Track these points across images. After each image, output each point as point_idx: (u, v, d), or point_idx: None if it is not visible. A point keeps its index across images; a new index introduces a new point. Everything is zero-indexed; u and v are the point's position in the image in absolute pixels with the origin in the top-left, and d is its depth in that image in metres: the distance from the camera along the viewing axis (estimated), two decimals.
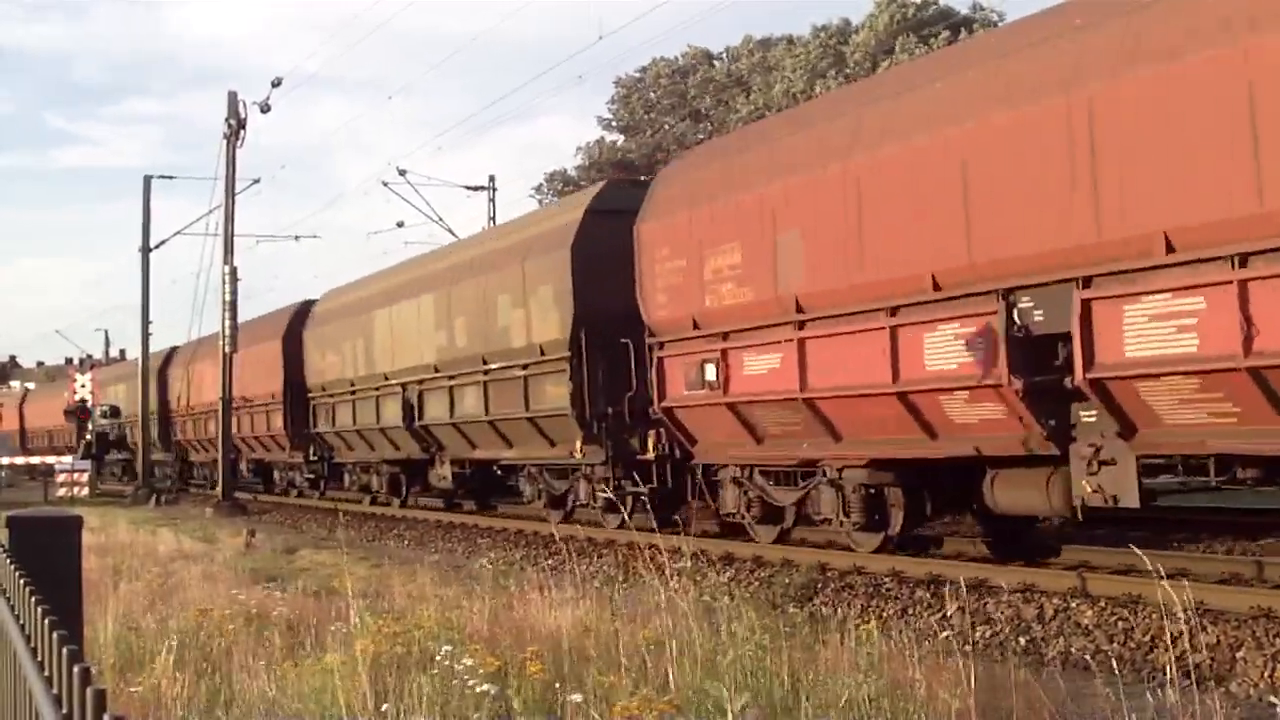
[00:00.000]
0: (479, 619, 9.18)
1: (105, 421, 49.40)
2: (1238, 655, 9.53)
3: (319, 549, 19.43)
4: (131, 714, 6.87)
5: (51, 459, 45.62)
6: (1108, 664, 8.84)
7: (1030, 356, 11.98)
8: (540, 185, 61.94)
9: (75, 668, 2.32)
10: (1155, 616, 10.54)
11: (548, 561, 18.22)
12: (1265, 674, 9.10)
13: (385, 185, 41.78)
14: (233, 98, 34.27)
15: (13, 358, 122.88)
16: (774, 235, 15.10)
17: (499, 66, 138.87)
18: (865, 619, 9.50)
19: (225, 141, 34.48)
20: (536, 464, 21.90)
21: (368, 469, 30.82)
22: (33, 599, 3.25)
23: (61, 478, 39.24)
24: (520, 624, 9.08)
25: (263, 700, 7.01)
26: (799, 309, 14.76)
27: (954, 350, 12.70)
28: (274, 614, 9.90)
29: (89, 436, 49.07)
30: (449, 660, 6.92)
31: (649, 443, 18.47)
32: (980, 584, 12.69)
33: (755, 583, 14.37)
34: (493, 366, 22.07)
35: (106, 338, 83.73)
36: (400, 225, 44.60)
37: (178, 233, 42.78)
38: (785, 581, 13.99)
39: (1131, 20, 11.21)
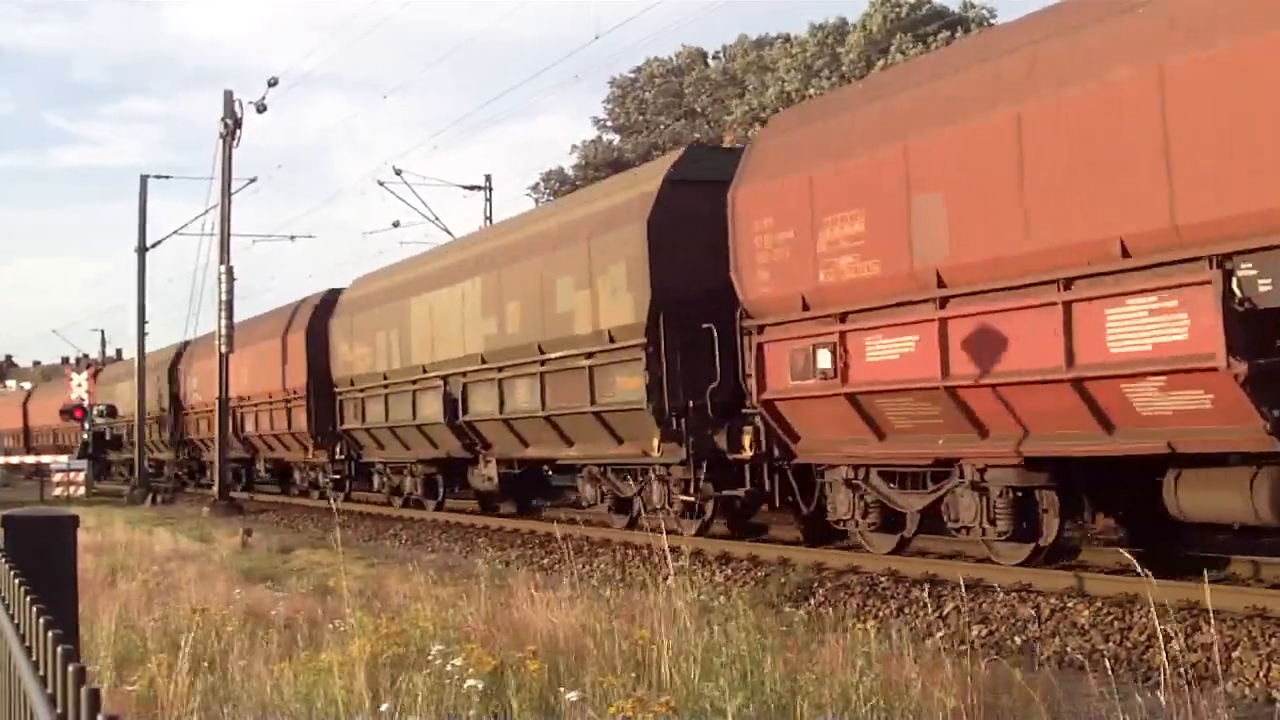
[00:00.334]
0: (475, 618, 9.18)
1: (102, 421, 49.36)
2: (1233, 655, 9.53)
3: (315, 548, 19.42)
4: (127, 714, 6.87)
5: (48, 459, 45.48)
6: (1103, 663, 8.85)
7: (1254, 334, 10.15)
8: (537, 184, 61.95)
9: (70, 667, 2.32)
10: (1152, 616, 10.55)
11: (544, 561, 18.26)
12: (1261, 673, 9.11)
13: (381, 185, 41.75)
14: (229, 97, 34.25)
15: (8, 357, 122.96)
16: (907, 199, 13.24)
17: (496, 66, 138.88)
18: (862, 619, 9.50)
19: (221, 141, 34.46)
20: (600, 464, 19.88)
21: (400, 469, 28.84)
22: (28, 598, 3.24)
23: (57, 477, 39.20)
24: (517, 623, 9.08)
25: (259, 699, 7.00)
26: (940, 284, 12.90)
27: (1148, 329, 10.88)
28: (270, 613, 9.90)
29: (85, 436, 49.04)
30: (441, 660, 6.92)
31: (745, 440, 16.31)
32: (977, 584, 12.69)
33: (751, 582, 14.37)
34: (551, 356, 20.09)
35: (103, 337, 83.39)
36: (396, 225, 44.51)
37: (174, 232, 42.79)
38: (781, 581, 13.99)
39: None
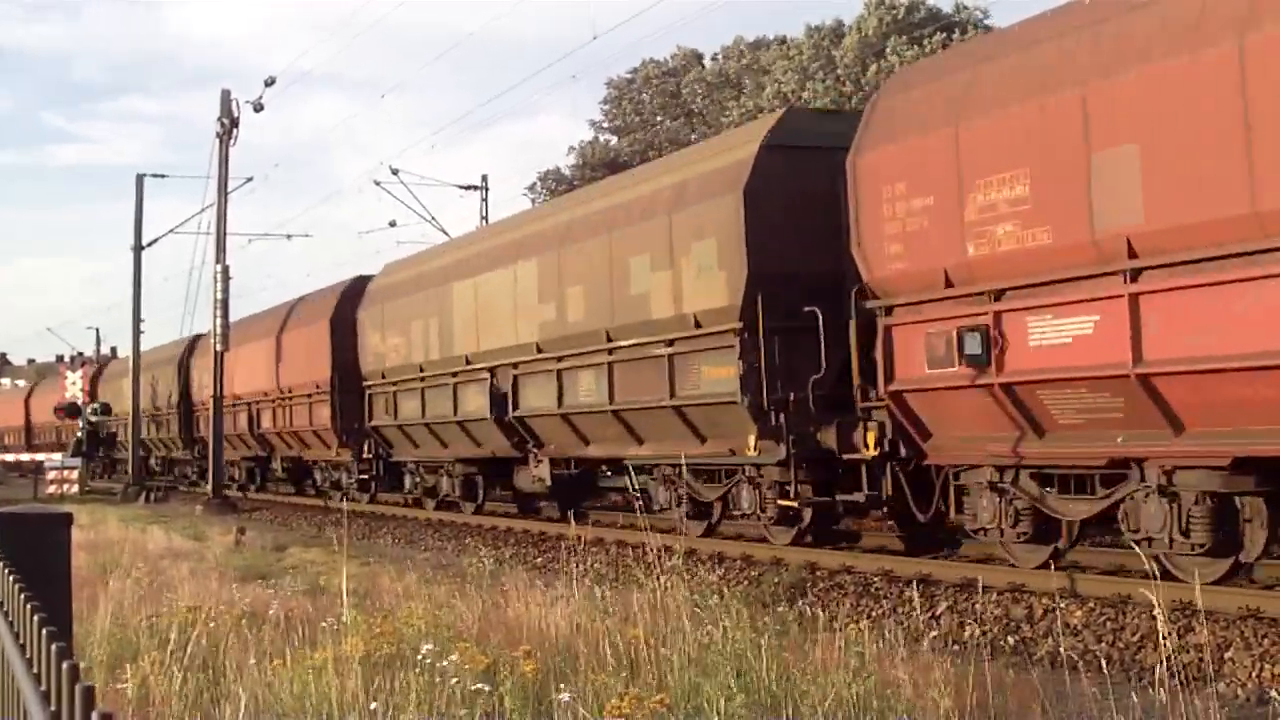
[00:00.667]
0: (469, 617, 9.18)
1: (96, 419, 49.29)
2: (1226, 655, 9.56)
3: (308, 547, 19.42)
4: (120, 711, 6.87)
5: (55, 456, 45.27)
6: (1096, 664, 8.86)
7: None
8: (534, 184, 61.93)
9: (64, 665, 2.33)
10: (1144, 617, 10.57)
11: (538, 559, 18.26)
12: (1253, 674, 9.13)
13: (378, 184, 41.69)
14: (225, 96, 34.23)
15: (3, 355, 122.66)
16: (1087, 155, 11.44)
17: (494, 65, 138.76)
18: (855, 618, 9.52)
19: (218, 140, 34.44)
20: (677, 463, 17.22)
21: (435, 469, 26.57)
22: (22, 595, 3.25)
23: (51, 475, 39.14)
24: (511, 622, 9.08)
25: (252, 697, 7.00)
26: (1131, 253, 11.09)
27: None
28: (264, 611, 9.89)
29: (80, 434, 48.96)
30: (434, 660, 6.92)
31: (867, 438, 14.39)
32: (969, 584, 12.70)
33: (745, 581, 14.38)
34: (622, 345, 18.15)
35: (98, 335, 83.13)
36: (393, 224, 44.44)
37: (170, 231, 42.75)
38: (774, 580, 14.00)
39: None
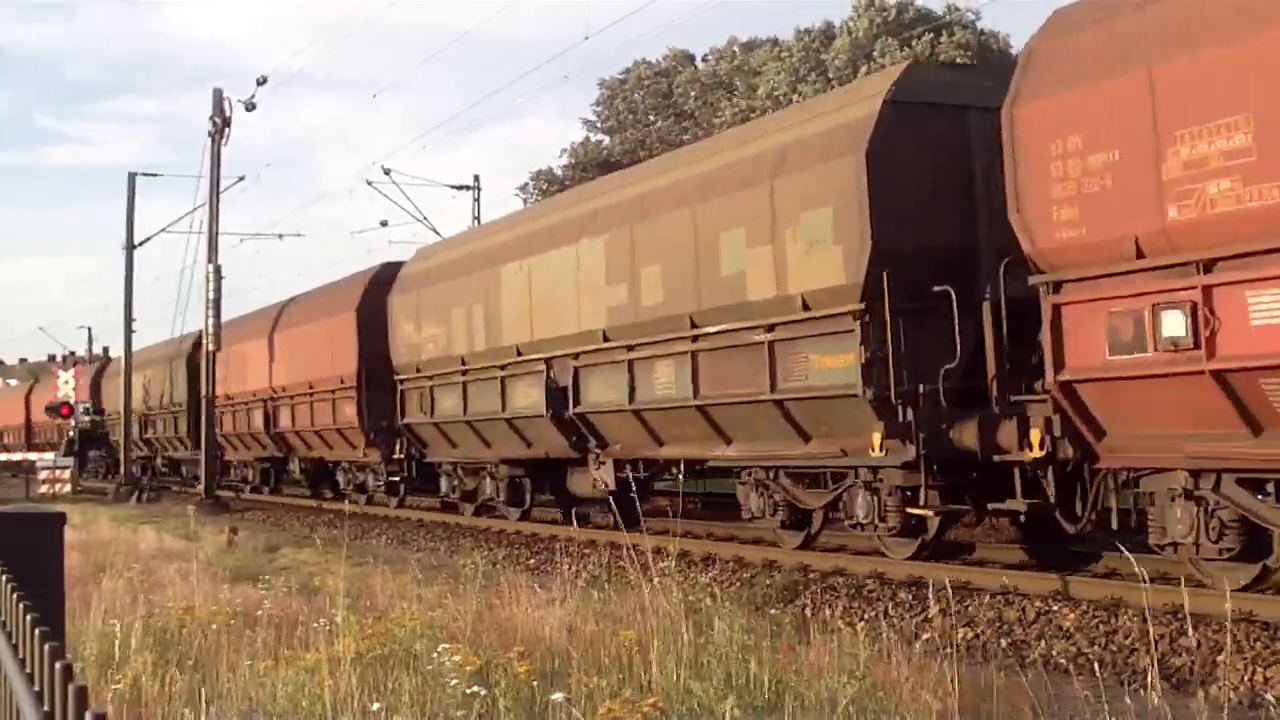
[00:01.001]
0: (463, 618, 9.17)
1: (88, 419, 49.24)
2: (1218, 659, 9.56)
3: (300, 547, 19.39)
4: (112, 711, 6.85)
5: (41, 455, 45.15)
6: (1089, 666, 8.87)
7: None
8: (525, 184, 61.89)
9: (57, 664, 2.32)
10: (1137, 620, 10.59)
11: (531, 561, 18.25)
12: (1246, 677, 9.14)
13: (370, 184, 41.68)
14: (218, 96, 34.23)
15: None
16: None
17: (487, 65, 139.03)
18: (848, 620, 9.52)
19: (210, 140, 34.44)
20: (774, 466, 15.76)
21: (477, 471, 24.30)
22: (14, 595, 3.23)
23: (44, 474, 39.08)
24: (504, 624, 9.07)
25: (244, 698, 6.99)
26: None
27: None
28: (256, 612, 9.88)
29: (71, 433, 48.89)
30: (430, 663, 6.91)
31: (1030, 436, 12.44)
32: (962, 586, 12.71)
33: (738, 584, 14.38)
34: (709, 331, 16.13)
35: (90, 335, 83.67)
36: (384, 224, 44.48)
37: (162, 230, 42.69)
38: (767, 583, 14.01)
39: None
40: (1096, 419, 11.89)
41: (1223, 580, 10.85)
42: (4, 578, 3.55)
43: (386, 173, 41.41)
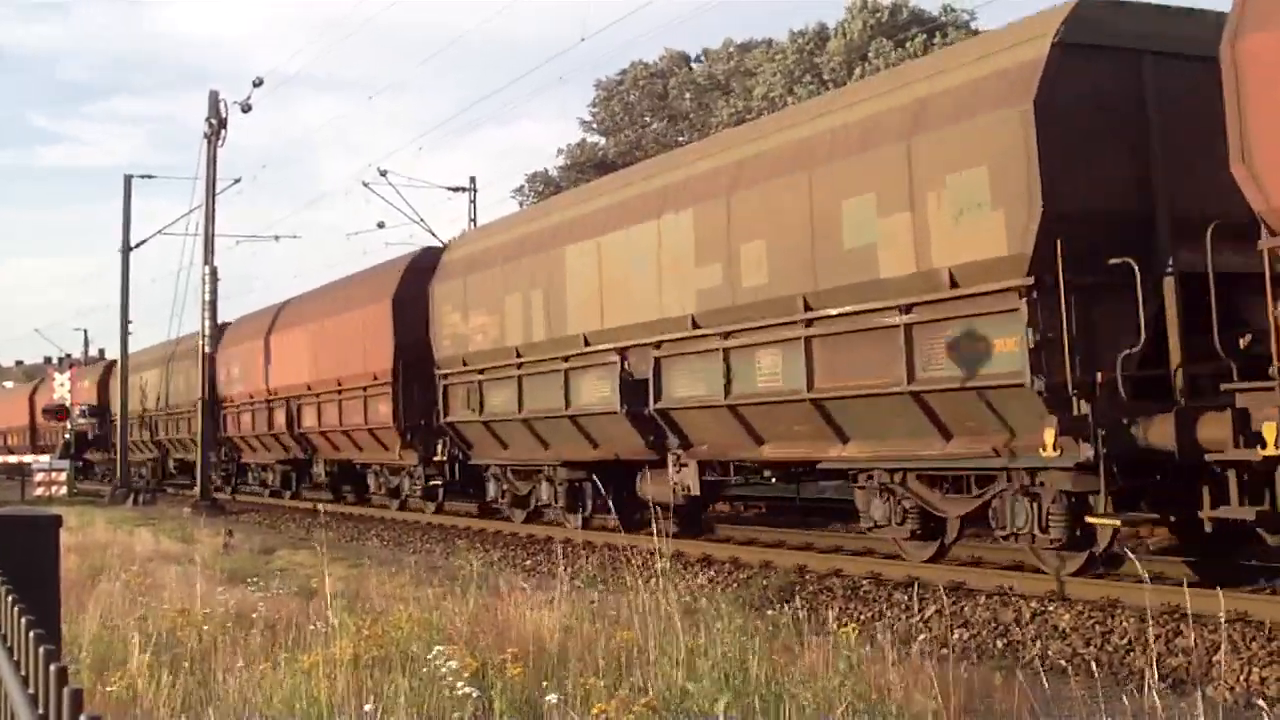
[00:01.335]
0: (459, 620, 9.17)
1: (84, 421, 49.18)
2: (1214, 659, 9.57)
3: (296, 549, 19.38)
4: (108, 714, 6.84)
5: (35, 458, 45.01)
6: (1085, 667, 8.88)
7: None
8: (521, 186, 61.95)
9: (52, 667, 2.32)
10: (1132, 620, 10.60)
11: (526, 562, 18.24)
12: (1241, 677, 9.15)
13: (366, 186, 41.64)
14: (213, 97, 34.22)
15: None
16: None
17: (481, 67, 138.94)
18: (843, 622, 9.52)
19: (206, 141, 34.43)
20: (904, 468, 13.96)
21: (532, 474, 22.04)
22: (9, 598, 3.23)
23: (39, 477, 39.05)
24: (500, 625, 9.07)
25: (240, 700, 6.99)
26: None
27: None
28: (252, 614, 9.88)
29: (68, 435, 48.82)
30: (427, 665, 6.91)
31: (1264, 433, 10.34)
32: (958, 587, 12.72)
33: (733, 584, 14.38)
34: (830, 313, 14.16)
35: (86, 337, 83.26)
36: (381, 226, 44.38)
37: (158, 232, 42.66)
38: (763, 583, 14.01)
39: None
40: None
41: None
42: None
43: (383, 174, 41.39)
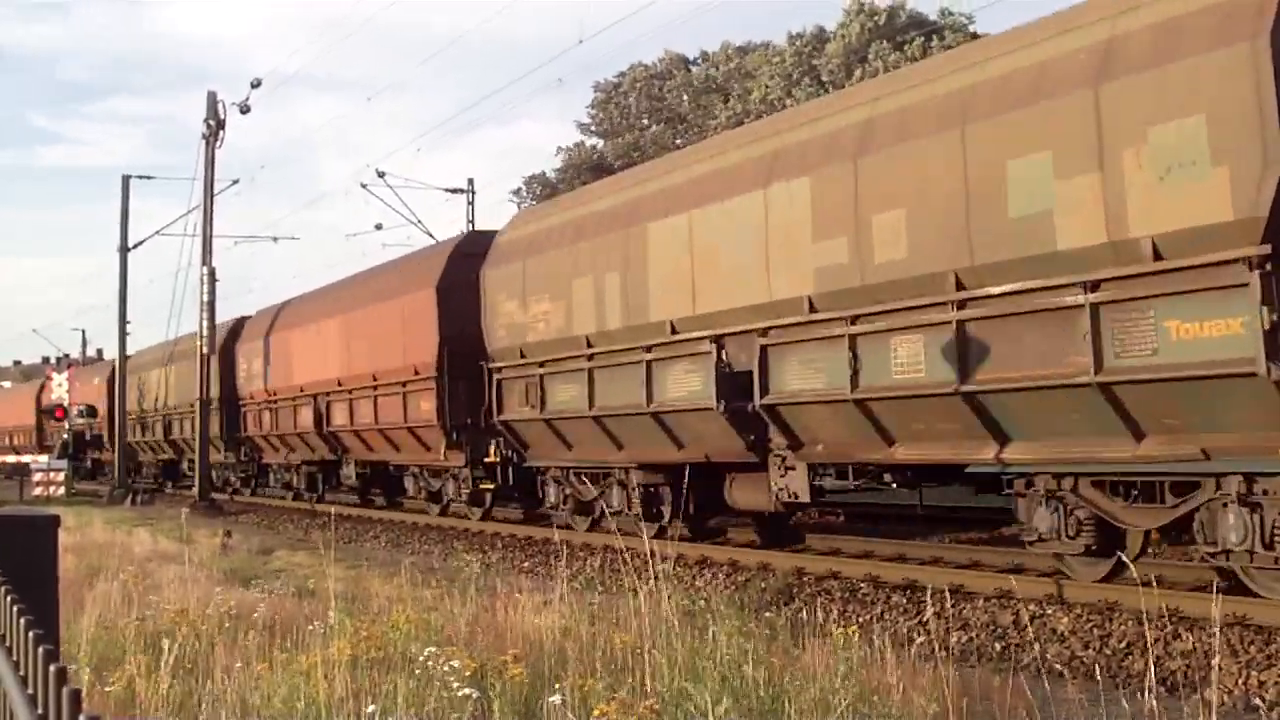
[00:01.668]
0: (458, 621, 9.17)
1: (82, 421, 49.14)
2: (1213, 662, 9.57)
3: (295, 550, 19.38)
4: (107, 714, 6.84)
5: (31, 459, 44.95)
6: (1083, 670, 8.88)
7: None
8: (519, 189, 61.94)
9: (50, 667, 2.31)
10: (1131, 623, 10.60)
11: (525, 563, 18.23)
12: (1240, 681, 9.15)
13: (364, 187, 41.71)
14: (212, 98, 34.25)
15: None
16: None
17: (483, 67, 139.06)
18: (841, 624, 9.51)
19: (204, 142, 34.44)
20: (1074, 471, 12.24)
21: (600, 477, 19.69)
22: (8, 598, 3.23)
23: (37, 477, 39.04)
24: (499, 627, 9.07)
25: (238, 701, 6.98)
26: None
27: None
28: (251, 615, 9.87)
29: (65, 436, 48.77)
30: (423, 667, 6.91)
31: None
32: (957, 589, 12.71)
33: (732, 587, 14.38)
34: (990, 293, 12.24)
35: (84, 337, 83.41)
36: (379, 228, 44.44)
37: (156, 233, 42.69)
38: (761, 586, 14.01)
39: None
40: None
41: None
42: None
43: (381, 176, 41.45)
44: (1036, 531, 12.56)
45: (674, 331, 16.87)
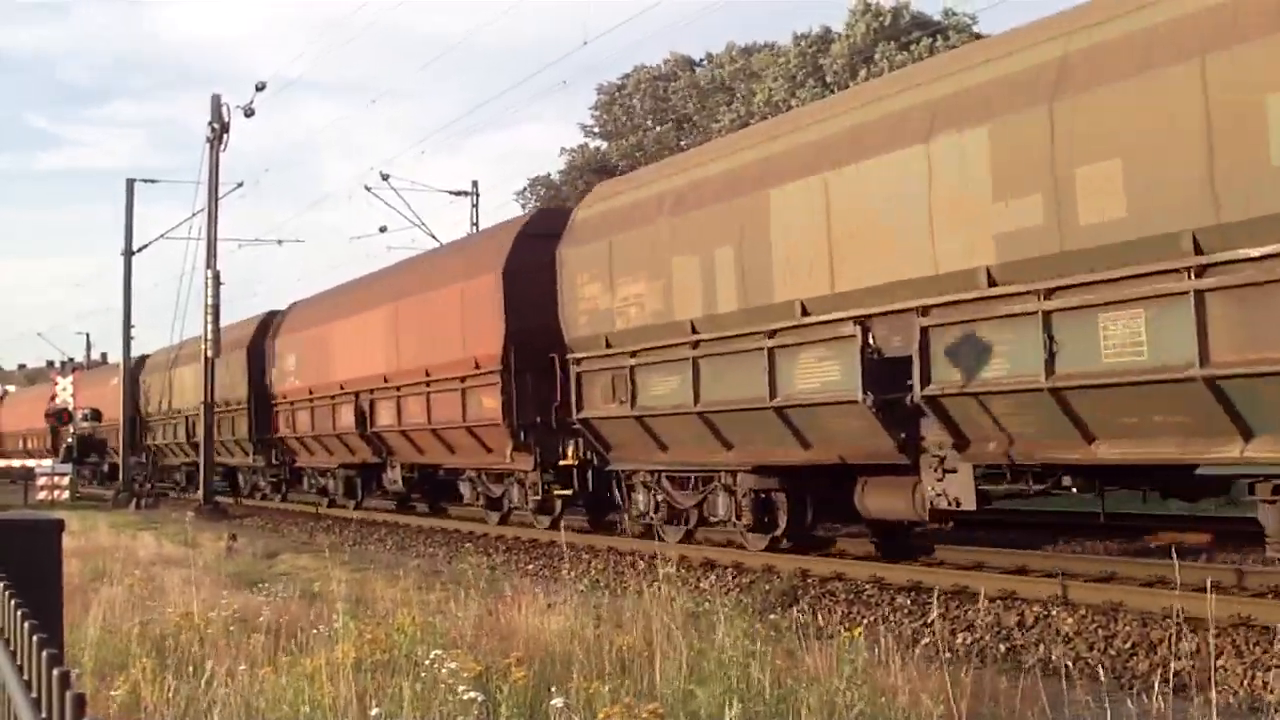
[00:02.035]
0: (463, 624, 9.16)
1: (87, 425, 49.15)
2: (1217, 663, 9.56)
3: (300, 553, 19.37)
4: (111, 718, 6.85)
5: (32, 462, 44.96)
6: (1088, 671, 8.87)
7: None
8: (523, 190, 61.98)
9: (55, 671, 2.31)
10: (1135, 624, 10.59)
11: (529, 566, 18.22)
12: (1245, 681, 9.13)
13: (368, 190, 41.72)
14: (216, 101, 34.27)
15: None
16: None
17: (486, 69, 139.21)
18: (846, 625, 9.51)
19: (209, 145, 34.49)
20: None
21: (697, 483, 17.52)
22: (12, 602, 3.23)
23: (42, 481, 39.06)
24: (504, 629, 9.07)
25: (243, 705, 6.98)
26: None
27: None
28: (256, 618, 9.87)
29: (69, 440, 48.76)
30: (429, 670, 6.91)
31: None
32: (961, 591, 12.70)
33: (736, 589, 14.37)
34: (1242, 256, 10.08)
35: (88, 340, 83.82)
36: (383, 230, 44.49)
37: (161, 236, 42.74)
38: (765, 588, 14.00)
39: None
40: None
41: None
42: (2, 585, 3.54)
43: (385, 178, 41.50)
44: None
45: (805, 313, 14.51)
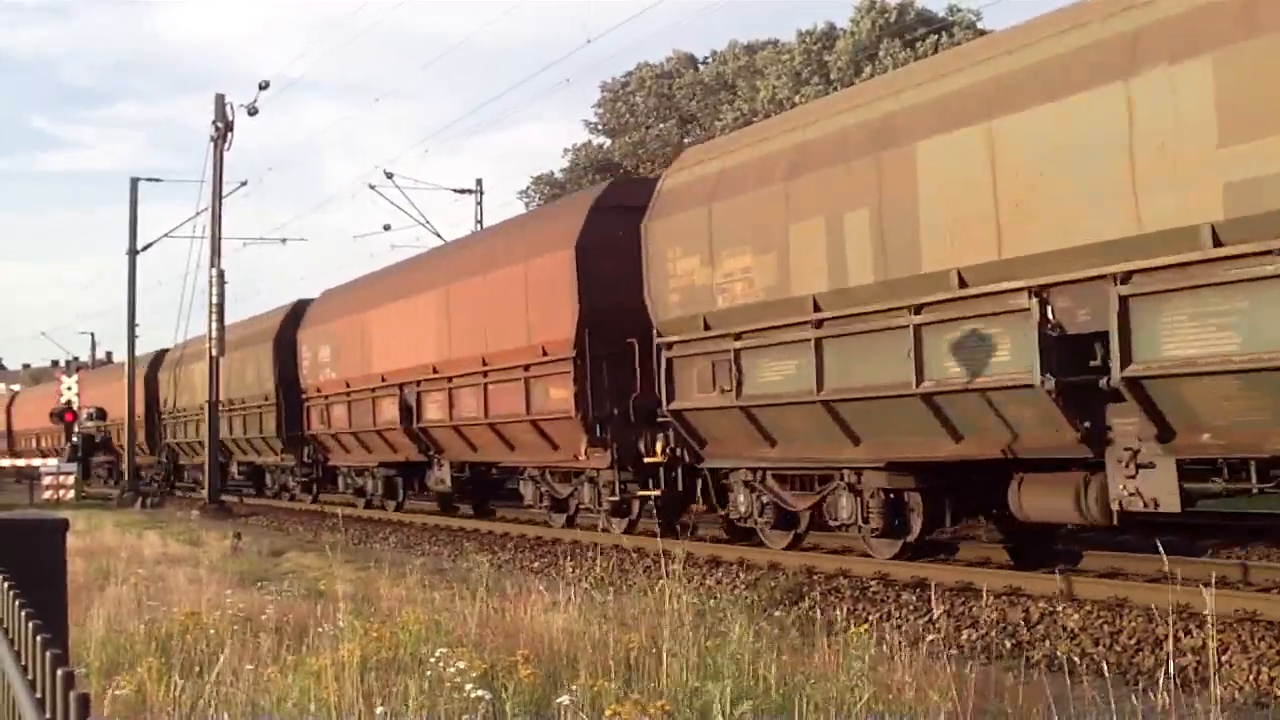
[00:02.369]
0: (468, 622, 9.16)
1: (91, 424, 49.13)
2: (1223, 659, 9.54)
3: (305, 551, 19.39)
4: (116, 718, 6.84)
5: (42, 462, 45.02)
6: (1094, 667, 8.86)
7: None
8: (527, 188, 61.99)
9: (59, 671, 2.30)
10: (1140, 620, 10.58)
11: (535, 565, 18.22)
12: (1250, 677, 9.12)
13: (372, 188, 41.72)
14: (220, 101, 34.27)
15: None
16: None
17: (489, 68, 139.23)
18: (853, 622, 9.48)
19: (213, 145, 34.49)
20: None
21: (811, 482, 15.59)
22: (16, 602, 3.22)
23: (47, 480, 39.08)
24: (510, 627, 9.07)
25: (249, 703, 6.98)
26: None
27: None
28: (261, 617, 9.88)
29: (74, 439, 48.74)
30: (434, 669, 6.91)
31: None
32: (966, 587, 12.69)
33: (742, 586, 14.36)
34: None
35: (93, 340, 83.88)
36: (387, 229, 44.54)
37: (165, 235, 42.71)
38: (771, 585, 13.99)
39: None
40: None
41: None
42: (6, 584, 3.54)
43: (389, 177, 41.52)
44: None
45: (963, 284, 12.46)
